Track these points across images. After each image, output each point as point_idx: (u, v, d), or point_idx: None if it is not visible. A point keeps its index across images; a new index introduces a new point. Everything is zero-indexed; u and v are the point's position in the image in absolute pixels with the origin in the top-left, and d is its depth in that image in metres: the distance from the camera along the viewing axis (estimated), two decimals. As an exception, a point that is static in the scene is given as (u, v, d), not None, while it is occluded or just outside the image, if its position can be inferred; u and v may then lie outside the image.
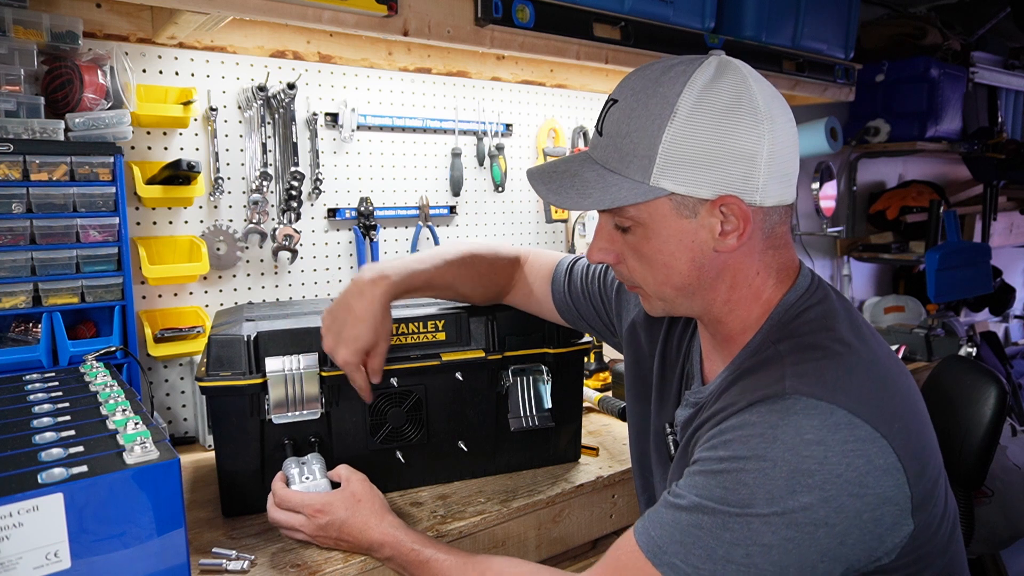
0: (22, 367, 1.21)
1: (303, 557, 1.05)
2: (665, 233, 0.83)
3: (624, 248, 0.88)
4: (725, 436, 0.77)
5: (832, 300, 0.87)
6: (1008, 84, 3.66)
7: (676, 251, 0.83)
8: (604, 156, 0.84)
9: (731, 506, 0.73)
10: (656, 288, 0.88)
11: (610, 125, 0.84)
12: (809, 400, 0.73)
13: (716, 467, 0.75)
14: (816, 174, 3.02)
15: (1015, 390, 3.02)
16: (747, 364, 0.84)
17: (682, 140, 0.78)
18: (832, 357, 0.78)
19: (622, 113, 0.82)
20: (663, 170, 0.79)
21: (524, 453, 1.35)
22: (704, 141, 0.78)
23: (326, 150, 1.76)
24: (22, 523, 0.73)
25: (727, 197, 0.80)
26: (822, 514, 0.70)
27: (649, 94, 0.80)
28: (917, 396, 0.82)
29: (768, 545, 0.71)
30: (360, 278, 1.10)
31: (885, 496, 0.72)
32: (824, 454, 0.71)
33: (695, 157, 0.78)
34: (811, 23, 2.11)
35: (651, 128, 0.79)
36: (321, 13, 1.26)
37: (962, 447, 1.41)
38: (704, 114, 0.78)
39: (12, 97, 1.24)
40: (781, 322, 0.85)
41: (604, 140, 0.84)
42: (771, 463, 0.72)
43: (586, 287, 1.21)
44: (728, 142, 0.78)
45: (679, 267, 0.84)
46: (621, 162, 0.82)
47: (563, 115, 2.19)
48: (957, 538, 0.86)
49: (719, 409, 0.82)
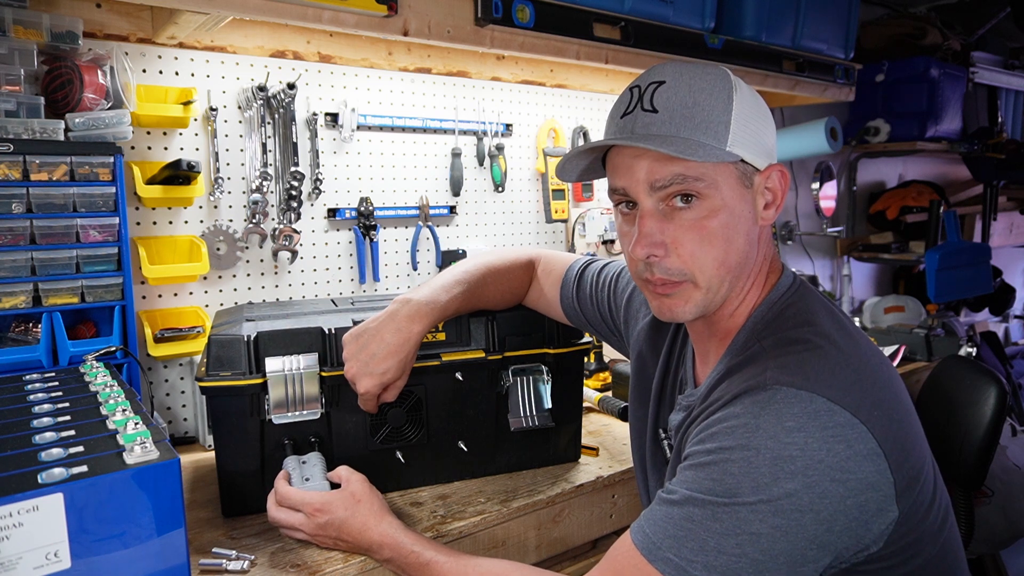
0: (22, 367, 1.21)
1: (303, 557, 1.05)
2: (732, 203, 0.84)
3: (678, 231, 0.84)
4: (712, 429, 0.79)
5: (813, 297, 0.90)
6: (1008, 84, 3.66)
7: (738, 224, 0.85)
8: (673, 127, 0.83)
9: (719, 496, 0.74)
10: (713, 271, 0.85)
11: (667, 101, 0.84)
12: (789, 390, 0.75)
13: (704, 459, 0.77)
14: (816, 174, 3.02)
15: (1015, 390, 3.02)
16: (734, 362, 0.86)
17: (746, 111, 0.84)
18: (813, 349, 0.80)
19: (679, 89, 0.84)
20: (736, 136, 0.83)
21: (524, 453, 1.35)
22: (756, 115, 0.86)
23: (326, 150, 1.76)
24: (22, 523, 0.73)
25: (774, 167, 0.87)
26: (806, 500, 0.72)
27: (700, 75, 0.85)
28: (899, 386, 0.84)
29: (757, 534, 0.72)
30: (397, 312, 1.11)
31: (867, 482, 0.73)
32: (805, 440, 0.73)
33: (754, 128, 0.85)
34: (811, 23, 2.11)
35: (720, 98, 0.83)
36: (321, 13, 1.26)
37: (962, 447, 1.41)
38: (748, 93, 0.86)
39: (12, 97, 1.24)
40: (764, 320, 0.88)
41: (664, 115, 0.83)
42: (755, 451, 0.73)
43: (595, 293, 1.23)
44: (765, 119, 0.87)
45: (738, 241, 0.86)
46: (696, 129, 0.82)
47: (563, 115, 2.19)
48: (950, 528, 0.87)
49: (707, 406, 0.84)
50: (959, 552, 0.89)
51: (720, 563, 0.73)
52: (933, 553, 0.82)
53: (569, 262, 1.29)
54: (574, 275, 1.26)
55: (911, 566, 0.81)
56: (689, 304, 0.87)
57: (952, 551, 0.87)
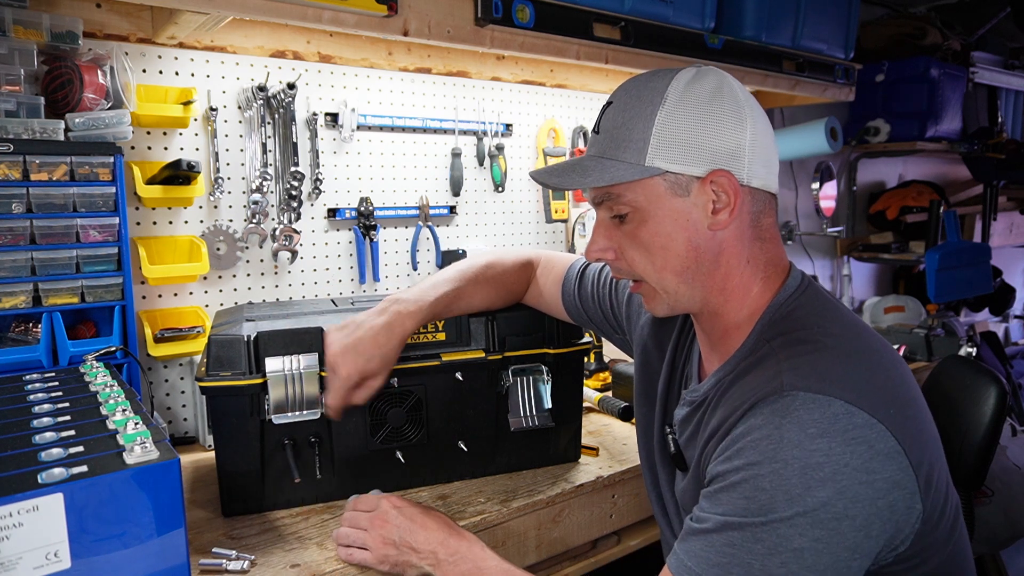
0: (22, 367, 1.21)
1: (303, 557, 1.05)
2: (661, 214, 0.87)
3: (622, 240, 0.91)
4: (737, 445, 0.78)
5: (822, 297, 0.90)
6: (1008, 84, 3.66)
7: (673, 232, 0.87)
8: (601, 148, 0.90)
9: (755, 515, 0.73)
10: (657, 276, 0.90)
11: (606, 122, 0.91)
12: (807, 395, 0.75)
13: (734, 479, 0.77)
14: (816, 174, 3.02)
15: (1015, 390, 3.02)
16: (743, 365, 0.86)
17: (672, 122, 0.85)
18: (823, 350, 0.80)
19: (616, 110, 0.89)
20: (656, 150, 0.85)
21: (524, 453, 1.35)
22: (693, 122, 0.85)
23: (326, 150, 1.76)
24: (22, 523, 0.73)
25: (717, 172, 0.85)
26: (840, 507, 0.72)
27: (640, 90, 0.88)
28: (912, 384, 0.84)
29: (799, 549, 0.72)
30: (386, 310, 1.12)
31: (893, 480, 0.74)
32: (829, 446, 0.72)
33: (685, 137, 0.85)
34: (811, 23, 2.11)
35: (644, 115, 0.86)
36: (321, 13, 1.26)
37: (962, 447, 1.41)
38: (691, 100, 0.85)
39: (12, 97, 1.24)
40: (772, 321, 0.88)
41: (601, 136, 0.91)
42: (783, 463, 0.73)
43: (596, 291, 1.24)
44: (714, 123, 0.85)
45: (677, 249, 0.87)
46: (618, 149, 0.88)
47: (563, 115, 2.19)
48: (960, 529, 0.87)
49: (724, 416, 0.83)
50: (968, 551, 0.89)
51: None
52: (948, 551, 0.83)
53: (570, 261, 1.30)
54: (576, 273, 1.26)
55: (930, 566, 0.81)
56: (655, 302, 0.93)
57: (963, 549, 0.87)
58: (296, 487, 1.20)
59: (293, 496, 1.21)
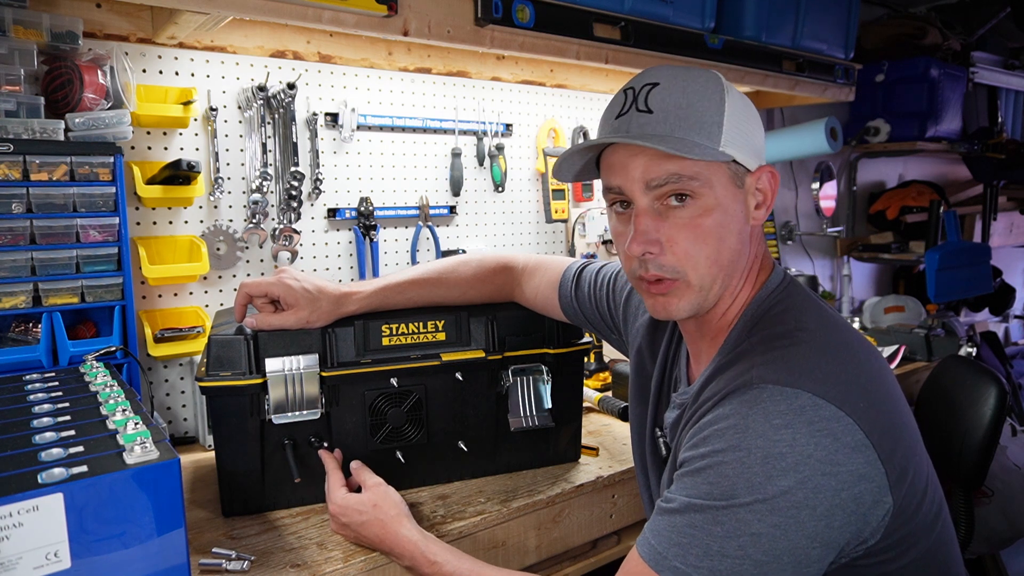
0: (22, 367, 1.21)
1: (303, 557, 1.05)
2: (725, 203, 0.86)
3: (673, 229, 0.85)
4: (703, 432, 0.80)
5: (801, 293, 0.91)
6: (1008, 84, 3.66)
7: (730, 222, 0.86)
8: (667, 127, 0.84)
9: (717, 500, 0.75)
10: (706, 269, 0.86)
11: (661, 101, 0.85)
12: (775, 387, 0.76)
13: (699, 464, 0.78)
14: (816, 174, 3.02)
15: (1015, 390, 3.02)
16: (723, 360, 0.87)
17: (736, 112, 0.85)
18: (797, 344, 0.81)
19: (673, 91, 0.85)
20: (729, 136, 0.85)
21: (524, 453, 1.35)
22: (746, 116, 0.87)
23: (326, 150, 1.76)
24: (22, 523, 0.73)
25: (763, 168, 0.88)
26: (801, 496, 0.72)
27: (693, 77, 0.86)
28: (887, 379, 0.84)
29: (757, 534, 0.73)
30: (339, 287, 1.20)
31: (859, 473, 0.74)
32: (793, 436, 0.73)
33: (745, 129, 0.86)
34: (811, 23, 2.11)
35: (713, 100, 0.85)
36: (321, 13, 1.26)
37: (962, 447, 1.41)
38: (739, 97, 0.87)
39: (12, 97, 1.24)
40: (754, 318, 0.89)
41: (659, 115, 0.85)
42: (746, 451, 0.74)
43: (593, 292, 1.24)
44: (755, 120, 0.89)
45: (730, 241, 0.87)
46: (691, 129, 0.84)
47: (563, 115, 2.19)
48: (944, 521, 0.87)
49: (698, 406, 0.86)
50: (953, 546, 0.89)
51: (724, 567, 0.73)
52: (927, 547, 0.83)
53: (565, 263, 1.30)
54: (572, 275, 1.27)
55: (906, 559, 0.81)
56: (683, 302, 0.89)
57: (946, 544, 0.87)
58: (296, 487, 1.20)
59: (293, 496, 1.21)
